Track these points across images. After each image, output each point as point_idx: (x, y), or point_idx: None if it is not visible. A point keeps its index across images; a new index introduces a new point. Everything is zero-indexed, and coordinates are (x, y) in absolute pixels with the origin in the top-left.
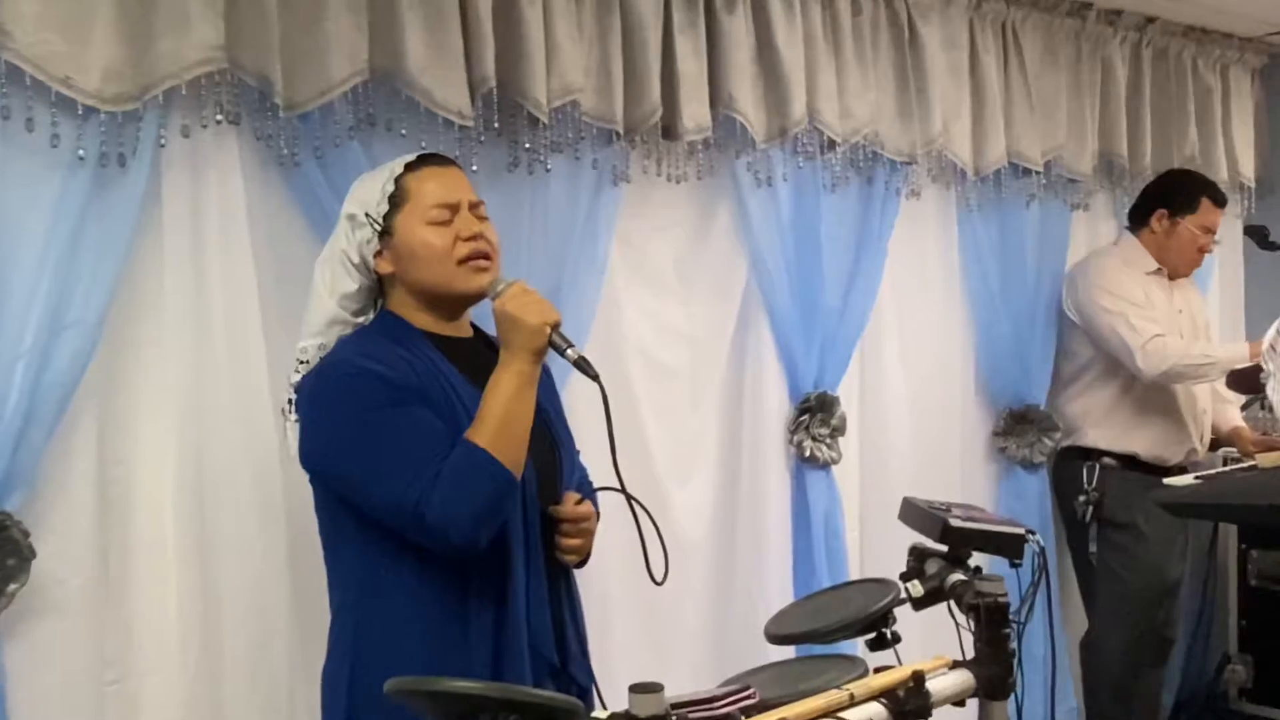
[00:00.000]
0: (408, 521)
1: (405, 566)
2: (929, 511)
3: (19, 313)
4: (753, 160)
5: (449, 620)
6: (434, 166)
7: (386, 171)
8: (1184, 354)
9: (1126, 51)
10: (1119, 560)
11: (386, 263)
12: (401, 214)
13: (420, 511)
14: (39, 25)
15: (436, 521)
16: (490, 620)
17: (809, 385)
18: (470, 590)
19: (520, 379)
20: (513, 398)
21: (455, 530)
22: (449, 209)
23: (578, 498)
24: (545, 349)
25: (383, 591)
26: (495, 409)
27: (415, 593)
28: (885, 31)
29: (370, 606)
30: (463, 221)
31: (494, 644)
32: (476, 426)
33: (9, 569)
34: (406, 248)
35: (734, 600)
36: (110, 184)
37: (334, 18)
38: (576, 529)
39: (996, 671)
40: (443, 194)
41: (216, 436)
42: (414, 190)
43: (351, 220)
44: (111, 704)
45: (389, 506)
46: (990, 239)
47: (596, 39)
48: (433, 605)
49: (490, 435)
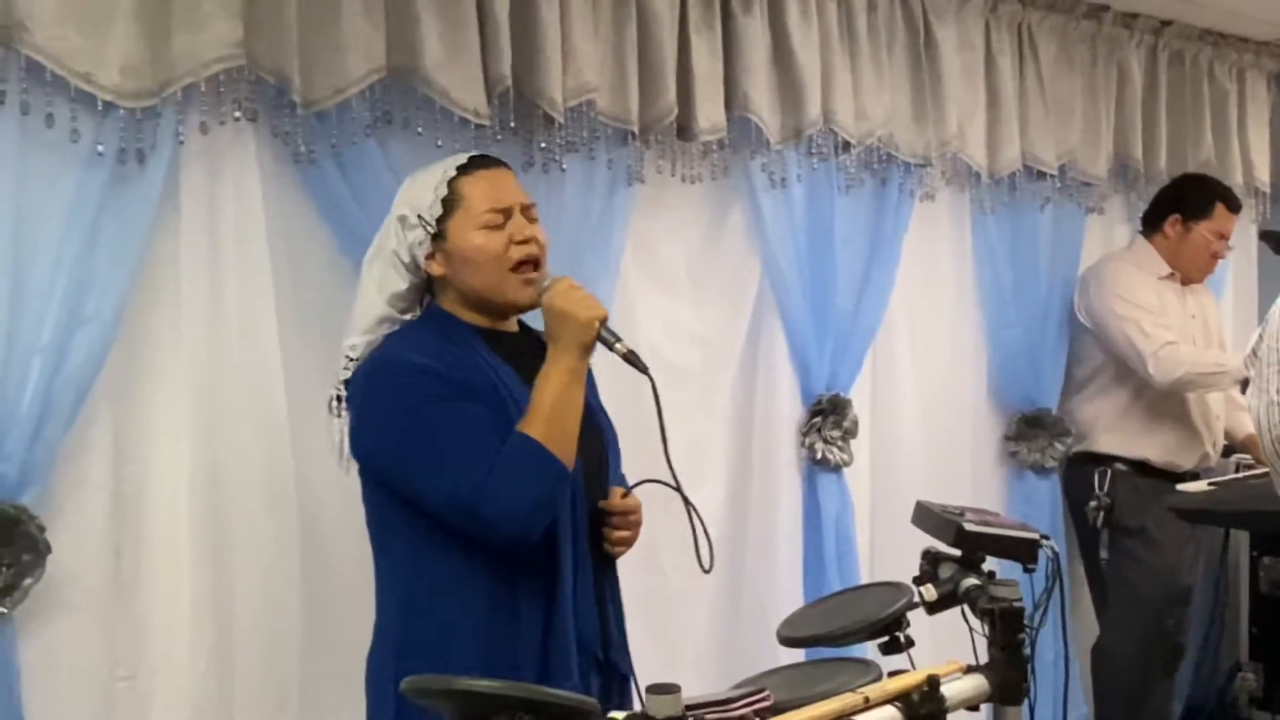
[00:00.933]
0: (462, 514)
1: (455, 559)
2: (943, 515)
3: (37, 308)
4: (767, 161)
5: (499, 613)
6: (486, 169)
7: (439, 173)
8: (1196, 362)
9: (1142, 54)
10: (1130, 566)
11: (438, 265)
12: (454, 218)
13: (475, 504)
14: (58, 21)
15: (492, 514)
16: (540, 612)
17: (821, 387)
18: (520, 583)
19: (570, 373)
20: (563, 391)
21: (510, 522)
22: (502, 213)
23: (623, 491)
24: (593, 343)
25: (433, 584)
26: (546, 402)
27: (465, 586)
28: (901, 33)
29: (420, 599)
30: (515, 225)
31: (542, 636)
32: (528, 419)
33: (25, 564)
34: (459, 252)
35: (744, 602)
36: (128, 180)
37: (351, 16)
38: (625, 522)
39: (1011, 677)
40: (496, 198)
41: (230, 434)
42: (467, 194)
43: (402, 221)
44: (123, 700)
45: (443, 499)
46: (1004, 242)
47: (612, 39)
48: (482, 598)
49: (542, 428)
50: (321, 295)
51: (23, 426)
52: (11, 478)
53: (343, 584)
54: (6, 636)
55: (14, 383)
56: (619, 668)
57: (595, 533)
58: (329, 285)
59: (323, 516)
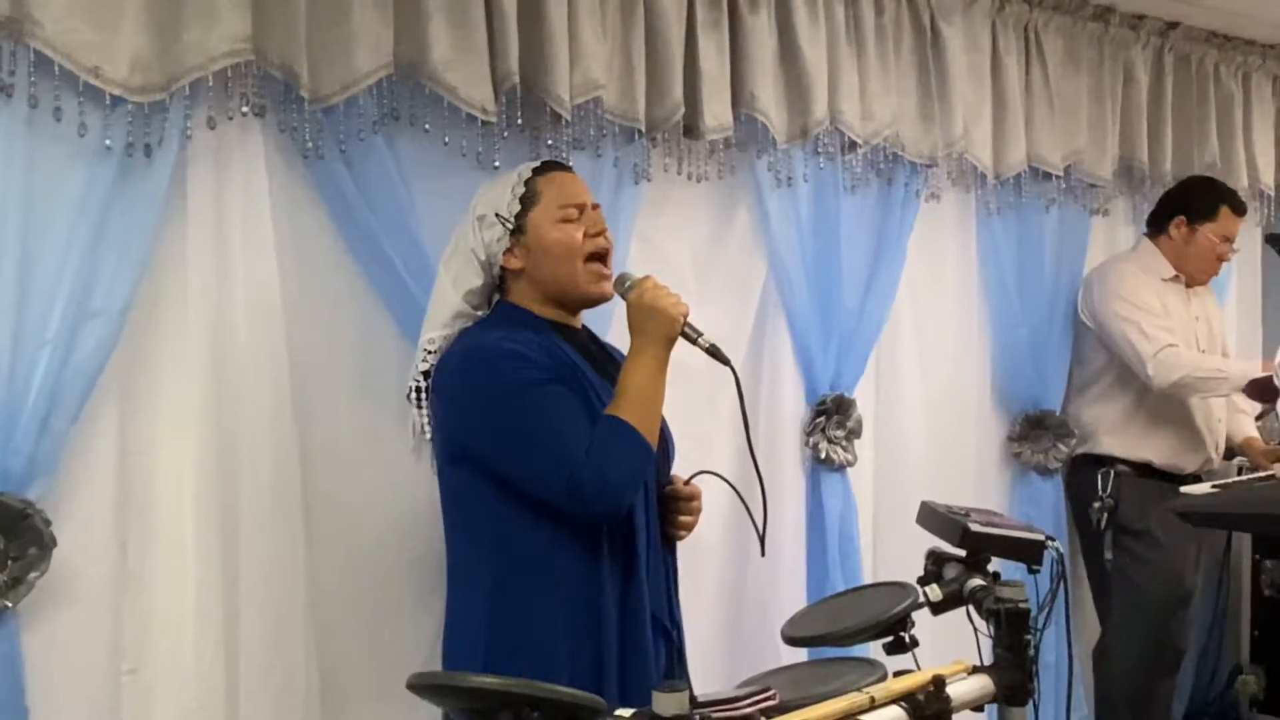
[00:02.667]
0: (561, 491)
1: (542, 537)
2: (948, 516)
3: (44, 301)
4: (773, 160)
5: (584, 588)
6: (558, 171)
7: (514, 175)
8: (1196, 366)
9: (1148, 56)
10: (1134, 568)
11: (516, 259)
12: (533, 213)
13: (577, 480)
14: (67, 14)
15: (590, 489)
16: (618, 584)
17: (825, 387)
18: (603, 559)
19: (656, 362)
20: (650, 379)
21: (606, 497)
22: (577, 208)
23: (685, 479)
24: (677, 337)
25: (520, 561)
26: (635, 388)
27: (551, 562)
28: (908, 33)
29: (507, 576)
30: (589, 220)
31: (620, 609)
32: (618, 404)
33: (30, 557)
34: (538, 244)
35: (747, 602)
36: (136, 174)
37: (360, 11)
38: (689, 507)
39: (1016, 677)
40: (570, 194)
41: (236, 427)
42: (543, 191)
43: (480, 220)
44: (128, 693)
45: (544, 478)
46: (1009, 243)
47: (620, 36)
48: (568, 574)
49: (634, 411)
50: (327, 289)
51: (29, 419)
52: (18, 470)
53: (349, 576)
54: (11, 629)
55: (21, 376)
56: (680, 648)
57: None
58: (335, 279)
59: (328, 510)
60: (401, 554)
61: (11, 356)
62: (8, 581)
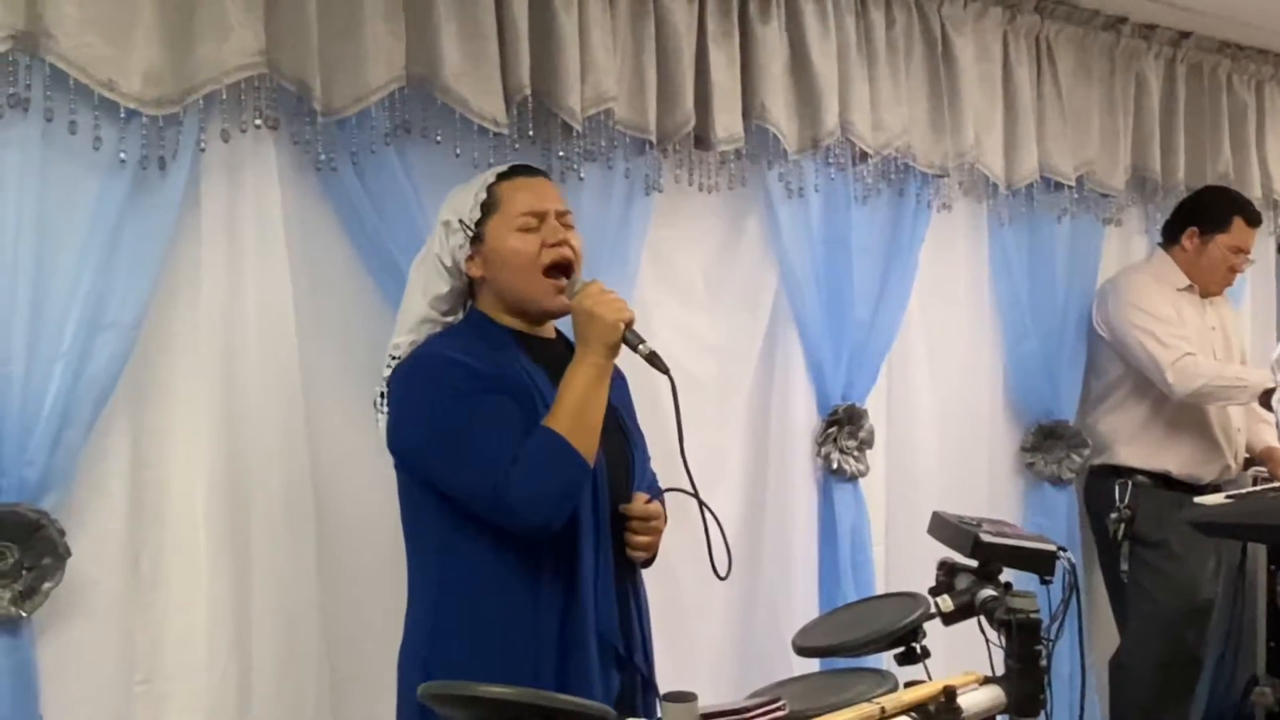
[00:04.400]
0: (487, 502)
1: (483, 550)
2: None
3: (58, 313)
4: (784, 171)
5: (521, 601)
6: (524, 176)
7: (479, 180)
8: (1216, 374)
9: (1161, 66)
10: (1151, 579)
11: (477, 266)
12: (492, 220)
13: (500, 492)
14: (82, 28)
15: (515, 502)
16: (559, 604)
17: (837, 397)
18: (542, 574)
19: (595, 371)
20: (587, 389)
21: (532, 511)
22: (536, 217)
23: (647, 498)
24: (619, 344)
25: (461, 574)
26: (571, 399)
27: (490, 574)
28: (919, 43)
29: (449, 589)
30: (549, 229)
31: (560, 626)
32: (553, 415)
33: (44, 568)
34: (495, 252)
35: (758, 612)
36: (150, 187)
37: (372, 24)
38: (645, 527)
39: (1028, 688)
40: (531, 202)
41: (249, 439)
42: (505, 198)
43: (446, 226)
44: (140, 705)
45: (470, 487)
46: (1021, 253)
47: (631, 48)
48: (506, 586)
49: (566, 423)
50: (340, 301)
51: (44, 431)
52: (33, 482)
53: (360, 588)
54: (26, 640)
55: (36, 388)
56: (641, 669)
57: (619, 534)
58: (347, 291)
59: (341, 521)
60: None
61: (26, 368)
62: (23, 591)
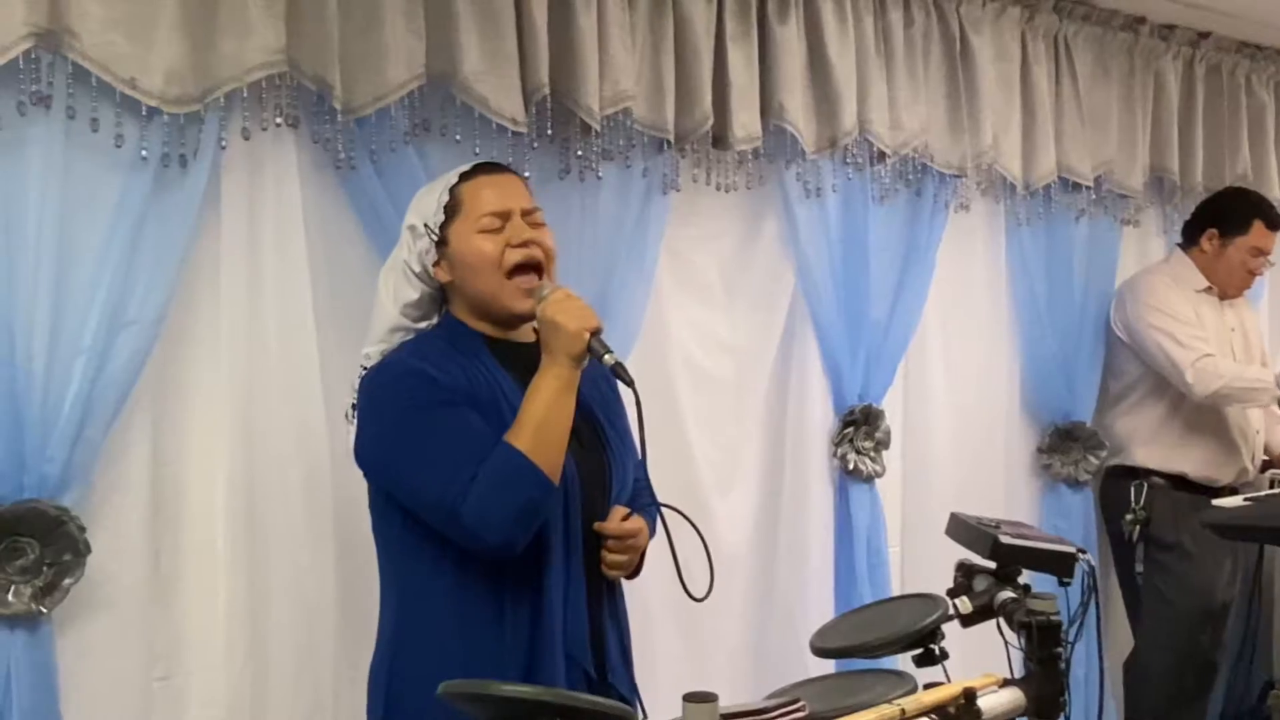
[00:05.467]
0: (445, 519)
1: (446, 565)
2: (978, 528)
3: (80, 310)
4: (802, 171)
5: (485, 621)
6: (488, 175)
7: (442, 182)
8: (1237, 375)
9: (1179, 66)
10: (1165, 581)
11: (444, 271)
12: (456, 223)
13: (457, 510)
14: (105, 27)
15: (472, 521)
16: (525, 624)
17: (854, 398)
18: (506, 593)
19: (559, 382)
20: (551, 401)
21: (490, 530)
22: (499, 217)
23: (625, 513)
24: (584, 354)
25: (424, 589)
26: (533, 412)
27: (454, 591)
28: (937, 43)
29: (411, 603)
30: (513, 229)
31: (528, 647)
32: (515, 430)
33: (65, 564)
34: (459, 256)
35: (774, 612)
36: (171, 184)
37: (392, 23)
38: (621, 545)
39: (1048, 691)
40: (495, 202)
41: (268, 438)
42: (467, 199)
43: (412, 231)
44: (159, 700)
45: (429, 503)
46: (1038, 254)
47: (649, 47)
48: (470, 605)
49: (529, 439)
50: (359, 299)
51: (65, 428)
52: (54, 478)
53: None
54: (45, 635)
55: (57, 384)
56: (617, 689)
57: (595, 550)
58: (366, 290)
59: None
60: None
61: (47, 365)
62: (43, 587)
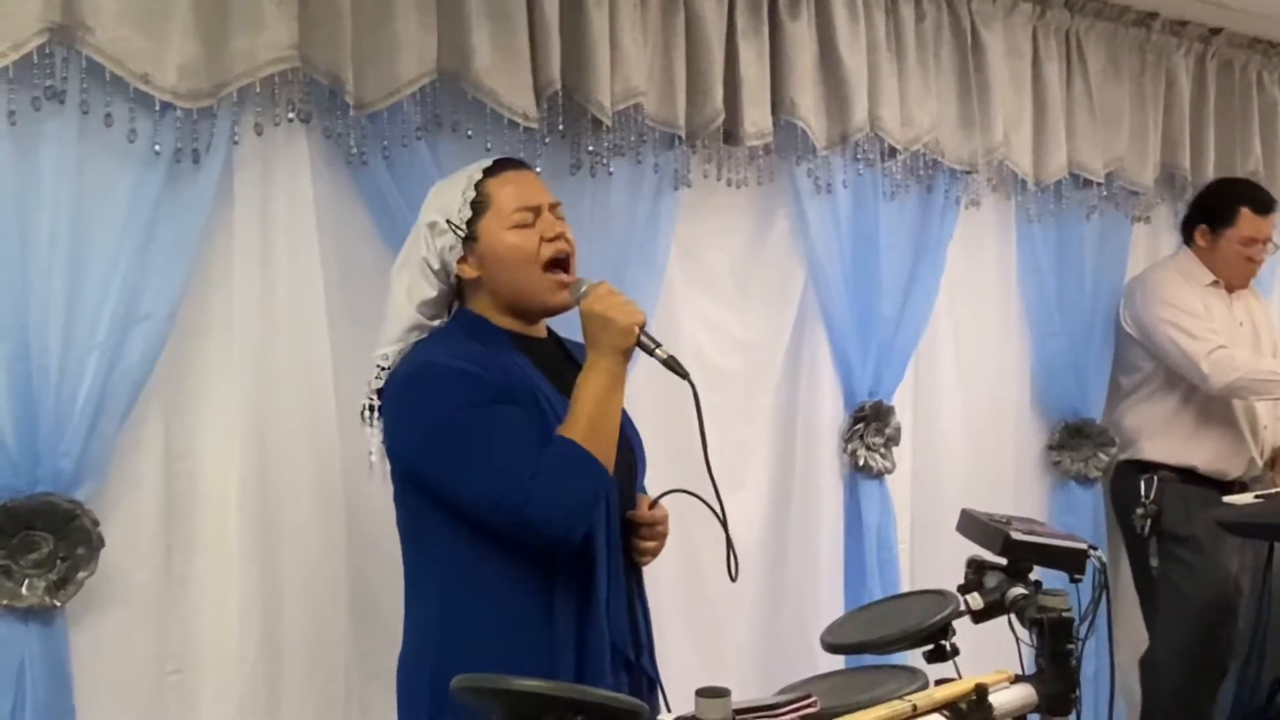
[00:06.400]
0: (507, 517)
1: (494, 562)
2: (989, 524)
3: (93, 305)
4: (812, 166)
5: (535, 614)
6: (512, 171)
7: (464, 178)
8: (1252, 368)
9: (1191, 63)
10: (1180, 573)
11: (471, 267)
12: (485, 219)
13: (521, 507)
14: (119, 22)
15: (537, 516)
16: (574, 615)
17: (864, 394)
18: (556, 586)
19: (610, 377)
20: (603, 396)
21: (555, 524)
22: (531, 211)
23: (650, 502)
24: (633, 348)
25: (472, 587)
26: (587, 407)
27: (503, 587)
28: (948, 39)
29: (457, 601)
30: (545, 223)
31: (577, 638)
32: (569, 424)
33: (79, 558)
34: (492, 252)
35: (784, 608)
36: (184, 180)
37: (404, 19)
38: (653, 532)
39: (1059, 688)
40: (524, 197)
41: (281, 431)
42: (495, 195)
43: (432, 228)
44: (172, 694)
45: (488, 503)
46: (1049, 250)
47: (660, 43)
48: (519, 600)
49: (584, 431)
50: (371, 295)
51: (79, 422)
52: (68, 472)
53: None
54: (59, 629)
55: (71, 379)
56: (646, 671)
57: (624, 540)
58: (378, 285)
59: (370, 513)
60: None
61: (61, 360)
62: (57, 581)
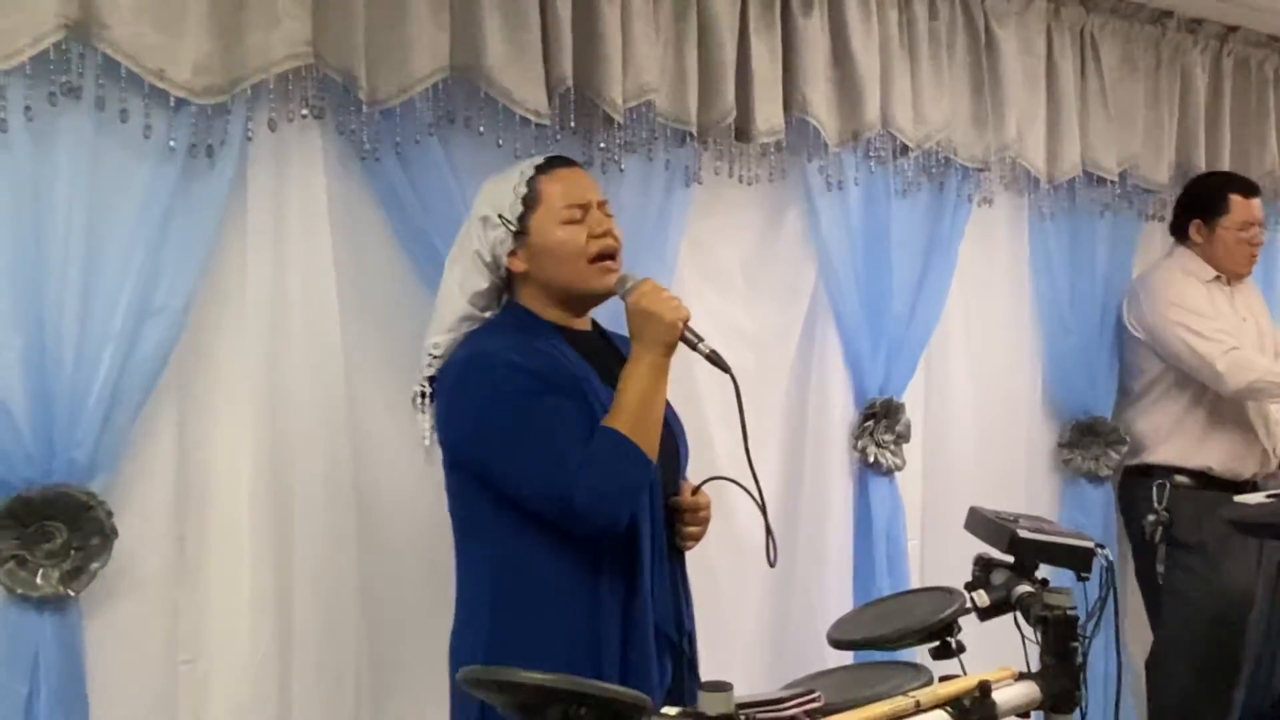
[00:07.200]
0: (555, 505)
1: (542, 549)
2: (997, 522)
3: (109, 298)
4: (824, 164)
5: (582, 600)
6: (562, 168)
7: (517, 174)
8: (1268, 370)
9: (1207, 60)
10: (1188, 582)
11: (520, 261)
12: (536, 214)
13: (570, 495)
14: (134, 18)
15: (584, 504)
16: (620, 600)
17: (874, 391)
18: (602, 572)
19: (655, 370)
20: (648, 388)
21: (602, 512)
22: (580, 208)
23: (693, 488)
24: (676, 343)
25: (522, 574)
26: (632, 399)
27: (551, 574)
28: (961, 36)
29: (510, 589)
30: (594, 220)
31: (623, 622)
32: (615, 415)
33: (92, 548)
34: (542, 246)
35: (793, 604)
36: (198, 175)
37: (417, 15)
38: (696, 518)
39: (1063, 685)
40: (574, 194)
41: (293, 424)
42: (546, 191)
43: (484, 222)
44: (184, 683)
45: (537, 491)
46: (1062, 248)
47: (673, 40)
48: (567, 585)
49: (629, 422)
50: (383, 289)
51: (93, 414)
52: (82, 463)
53: (400, 571)
54: (73, 618)
55: (85, 371)
56: (688, 654)
57: (668, 526)
58: (391, 280)
59: (381, 505)
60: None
61: (76, 352)
62: (70, 571)
